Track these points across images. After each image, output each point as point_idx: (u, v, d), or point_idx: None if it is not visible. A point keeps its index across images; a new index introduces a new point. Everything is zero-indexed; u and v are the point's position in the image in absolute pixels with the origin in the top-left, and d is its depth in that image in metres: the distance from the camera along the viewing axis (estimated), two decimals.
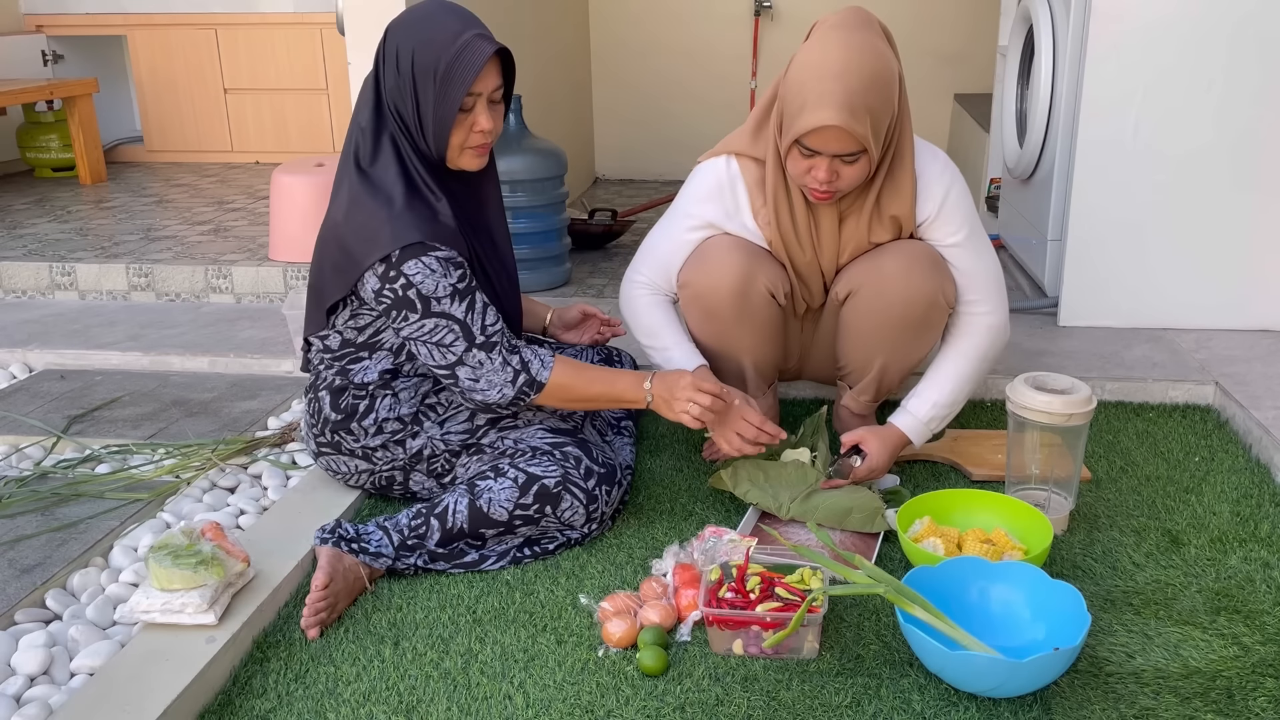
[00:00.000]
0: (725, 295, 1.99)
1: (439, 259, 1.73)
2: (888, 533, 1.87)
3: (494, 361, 1.76)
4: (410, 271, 1.72)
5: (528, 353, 1.79)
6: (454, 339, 1.75)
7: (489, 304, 1.79)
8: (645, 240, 2.15)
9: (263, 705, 1.48)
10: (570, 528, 1.84)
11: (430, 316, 1.74)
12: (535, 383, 1.78)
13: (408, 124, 1.78)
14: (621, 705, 1.47)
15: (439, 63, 1.73)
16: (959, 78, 4.90)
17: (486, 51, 1.75)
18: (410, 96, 1.75)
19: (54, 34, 5.01)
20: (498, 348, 1.76)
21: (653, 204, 4.21)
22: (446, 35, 1.74)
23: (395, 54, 1.76)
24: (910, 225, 1.98)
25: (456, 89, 1.73)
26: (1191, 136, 2.65)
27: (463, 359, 1.76)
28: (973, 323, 2.03)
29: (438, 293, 1.73)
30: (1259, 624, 1.61)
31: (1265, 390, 2.36)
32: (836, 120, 1.75)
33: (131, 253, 3.36)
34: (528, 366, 1.78)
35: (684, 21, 5.07)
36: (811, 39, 1.86)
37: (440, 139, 1.77)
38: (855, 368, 2.12)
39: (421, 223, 1.73)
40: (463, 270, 1.76)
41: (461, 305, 1.74)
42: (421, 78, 1.74)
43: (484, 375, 1.76)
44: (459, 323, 1.74)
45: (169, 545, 1.59)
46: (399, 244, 1.71)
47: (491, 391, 1.77)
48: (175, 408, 2.46)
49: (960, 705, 1.45)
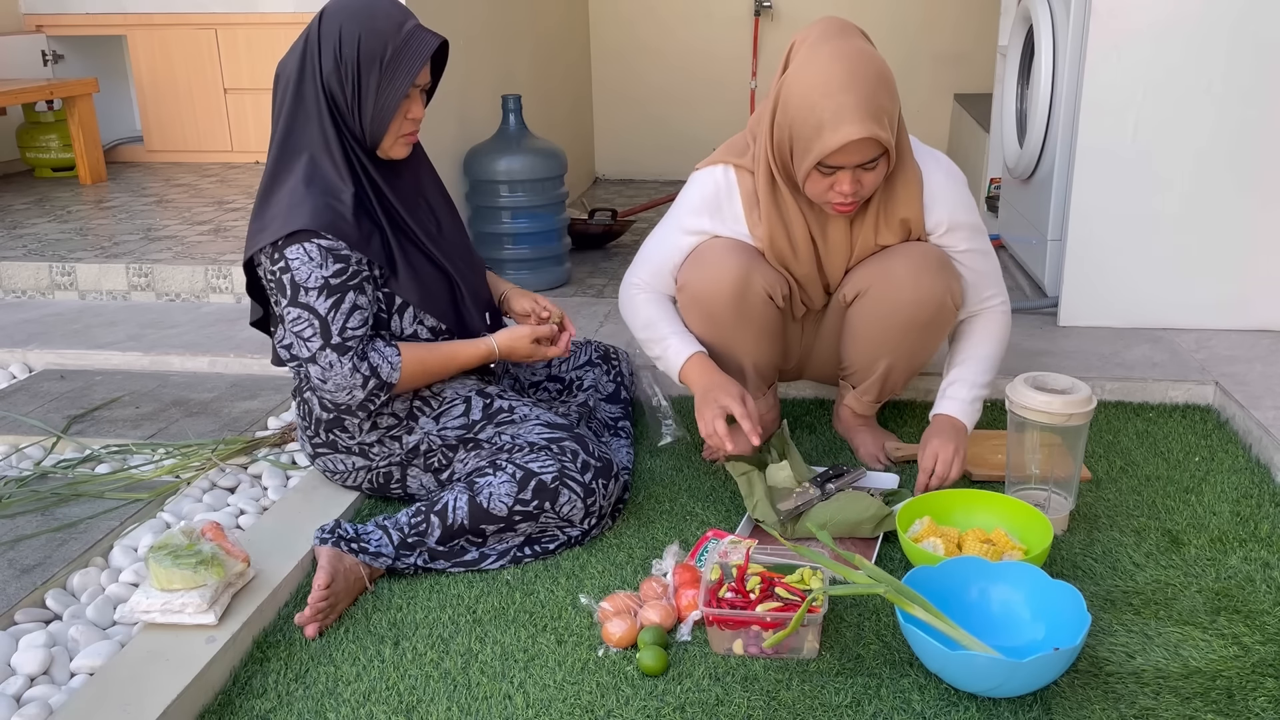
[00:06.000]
0: (723, 297, 1.98)
1: (321, 247, 1.73)
2: (888, 533, 1.87)
3: (344, 366, 1.75)
4: (291, 255, 1.73)
5: (375, 356, 1.78)
6: (311, 334, 1.74)
7: (360, 308, 1.77)
8: (642, 246, 2.15)
9: (263, 705, 1.48)
10: (570, 524, 1.83)
11: (295, 306, 1.74)
12: (385, 384, 1.79)
13: (340, 109, 1.78)
14: (621, 705, 1.47)
15: (385, 50, 1.74)
16: (959, 78, 4.90)
17: (432, 42, 1.78)
18: (352, 82, 1.76)
19: (54, 34, 5.01)
20: (350, 353, 1.75)
21: (653, 204, 4.21)
22: (391, 24, 1.76)
23: (337, 38, 1.75)
24: (919, 228, 1.98)
25: (403, 78, 1.75)
26: (1192, 136, 2.65)
27: (315, 357, 1.75)
28: (988, 312, 2.09)
29: (308, 282, 1.73)
30: (1259, 624, 1.61)
31: (1265, 390, 2.36)
32: (863, 132, 1.75)
33: (131, 253, 3.36)
34: (377, 371, 1.77)
35: (684, 22, 5.07)
36: (800, 59, 1.84)
37: (380, 127, 1.78)
38: (860, 368, 2.12)
39: (318, 210, 1.73)
40: (344, 265, 1.75)
41: (327, 301, 1.74)
42: (366, 64, 1.75)
43: (332, 377, 1.75)
44: (319, 319, 1.74)
45: (169, 545, 1.59)
46: (289, 229, 1.72)
47: (340, 394, 1.77)
48: (175, 408, 2.46)
49: (960, 705, 1.45)
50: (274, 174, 1.81)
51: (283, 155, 1.80)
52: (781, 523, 1.87)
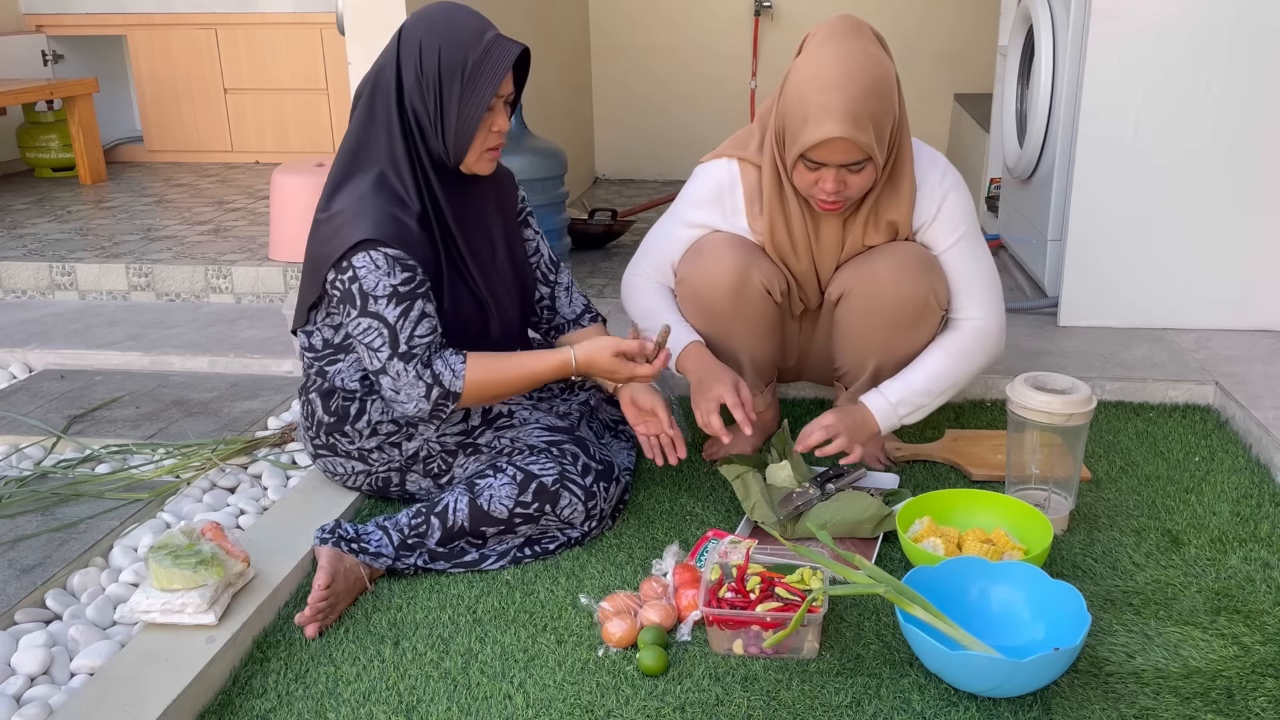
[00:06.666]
0: (721, 291, 1.99)
1: (388, 255, 1.70)
2: (888, 533, 1.87)
3: (409, 374, 1.72)
4: (358, 265, 1.70)
5: (439, 364, 1.74)
6: (381, 344, 1.72)
7: (428, 315, 1.74)
8: (645, 238, 2.16)
9: (263, 705, 1.48)
10: (570, 526, 1.83)
11: (365, 315, 1.71)
12: (450, 393, 1.74)
13: (422, 123, 1.75)
14: (621, 705, 1.47)
15: (466, 61, 1.71)
16: (959, 78, 4.89)
17: (514, 51, 1.73)
18: (433, 95, 1.72)
19: (54, 34, 5.01)
20: (415, 360, 1.72)
21: (653, 204, 4.21)
22: (471, 34, 1.72)
23: (417, 51, 1.72)
24: (906, 230, 1.98)
25: (485, 89, 1.71)
26: (1191, 136, 2.65)
27: (384, 368, 1.72)
28: (959, 326, 2.01)
29: (376, 291, 1.70)
30: (1259, 624, 1.61)
31: (1265, 390, 2.36)
32: (840, 131, 1.75)
33: (131, 253, 3.36)
34: (440, 379, 1.73)
35: (684, 22, 5.07)
36: (806, 51, 1.85)
37: (464, 141, 1.75)
38: (850, 369, 2.12)
39: (382, 221, 1.71)
40: (411, 274, 1.72)
41: (396, 309, 1.71)
42: (448, 77, 1.71)
43: (402, 387, 1.73)
44: (388, 327, 1.71)
45: (169, 545, 1.59)
46: (355, 238, 1.70)
47: (409, 404, 1.74)
48: (175, 408, 2.46)
49: (960, 705, 1.45)
50: (338, 185, 1.78)
51: (350, 168, 1.78)
52: (781, 523, 1.87)
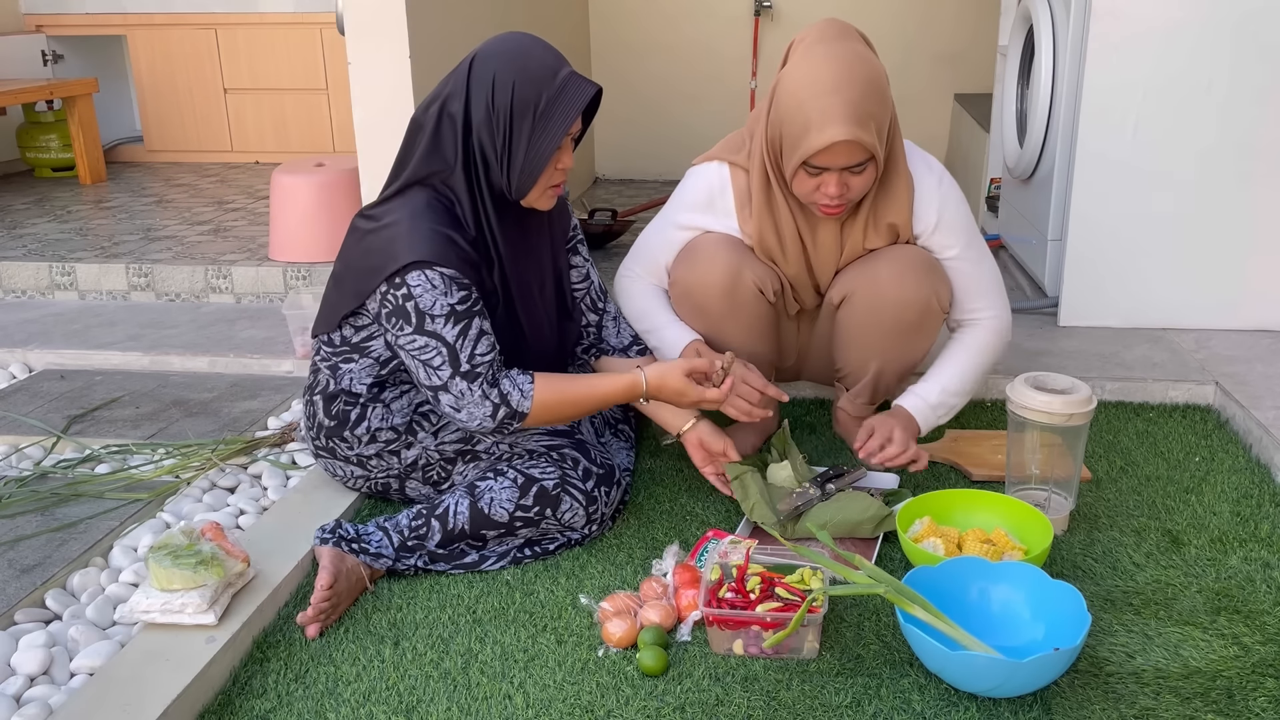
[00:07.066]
0: (714, 291, 1.99)
1: (444, 275, 1.69)
2: (888, 533, 1.87)
3: (474, 394, 1.70)
4: (413, 283, 1.69)
5: (507, 383, 1.73)
6: (441, 363, 1.70)
7: (486, 333, 1.74)
8: (638, 239, 2.17)
9: (263, 705, 1.48)
10: (571, 529, 1.83)
11: (422, 334, 1.70)
12: (517, 414, 1.73)
13: (487, 157, 1.73)
14: (621, 705, 1.47)
15: (540, 99, 1.69)
16: (959, 78, 4.89)
17: (588, 92, 1.71)
18: (503, 131, 1.70)
19: (54, 34, 5.01)
20: (480, 379, 1.71)
21: (653, 204, 4.21)
22: (546, 71, 1.70)
23: (491, 85, 1.69)
24: (907, 232, 1.99)
25: (557, 127, 1.69)
26: (1192, 136, 2.65)
27: (446, 385, 1.71)
28: (978, 324, 2.07)
29: (434, 310, 1.69)
30: (1259, 624, 1.61)
31: (1265, 390, 2.36)
32: (845, 134, 1.75)
33: (131, 253, 3.36)
34: (507, 399, 1.72)
35: (684, 21, 5.06)
36: (794, 58, 1.85)
37: (529, 178, 1.73)
38: (851, 371, 2.12)
39: (437, 242, 1.69)
40: (467, 293, 1.71)
41: (454, 329, 1.70)
42: (520, 113, 1.69)
43: (465, 406, 1.71)
44: (448, 346, 1.70)
45: (169, 545, 1.59)
46: (410, 258, 1.68)
47: (473, 422, 1.73)
48: (175, 408, 2.46)
49: (960, 705, 1.45)
50: (389, 197, 1.76)
51: (406, 187, 1.76)
52: (781, 523, 1.87)
